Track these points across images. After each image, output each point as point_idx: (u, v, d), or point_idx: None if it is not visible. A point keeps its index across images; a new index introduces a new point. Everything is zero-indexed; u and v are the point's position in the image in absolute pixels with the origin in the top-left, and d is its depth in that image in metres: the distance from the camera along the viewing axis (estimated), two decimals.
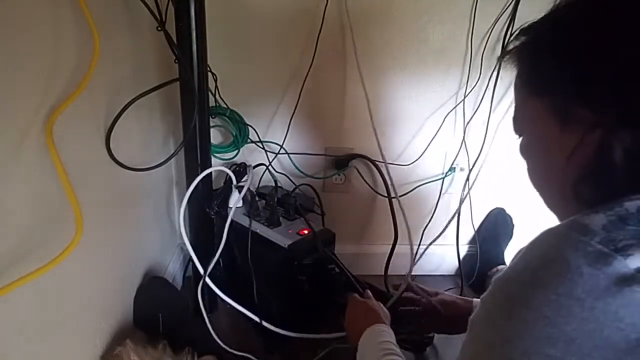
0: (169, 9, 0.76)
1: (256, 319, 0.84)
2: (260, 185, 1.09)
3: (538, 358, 0.30)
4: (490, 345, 0.34)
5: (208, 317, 1.00)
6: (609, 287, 0.29)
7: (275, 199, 0.93)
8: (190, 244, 0.85)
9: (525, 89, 0.43)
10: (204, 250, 0.89)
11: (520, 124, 0.45)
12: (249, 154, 1.11)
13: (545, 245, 0.34)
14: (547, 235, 0.35)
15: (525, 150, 0.45)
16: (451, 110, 1.10)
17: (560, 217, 0.43)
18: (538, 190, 0.45)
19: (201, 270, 0.84)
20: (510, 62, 0.44)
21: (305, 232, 0.88)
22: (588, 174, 0.36)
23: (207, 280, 0.84)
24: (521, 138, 0.46)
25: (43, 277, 0.44)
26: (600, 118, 0.35)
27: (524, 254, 0.35)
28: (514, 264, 0.36)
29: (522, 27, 0.42)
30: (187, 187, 0.92)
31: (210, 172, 0.90)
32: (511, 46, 0.43)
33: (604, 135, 0.35)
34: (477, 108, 1.10)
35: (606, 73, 0.34)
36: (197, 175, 0.88)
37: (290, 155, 1.11)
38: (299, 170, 1.12)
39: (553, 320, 0.30)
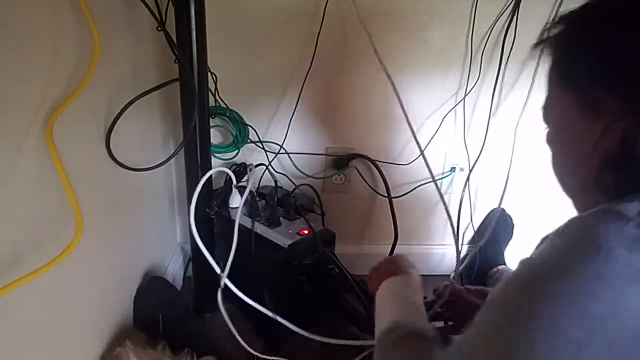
0: (169, 9, 0.76)
1: (269, 313, 0.82)
2: (260, 185, 1.09)
3: (559, 340, 0.29)
4: (509, 323, 0.32)
5: (207, 317, 1.00)
6: None
7: (275, 199, 0.93)
8: (191, 244, 0.85)
9: (557, 78, 0.43)
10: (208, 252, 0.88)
11: (549, 113, 0.45)
12: (249, 154, 1.11)
13: (576, 230, 0.34)
14: (578, 221, 0.34)
15: (552, 140, 0.45)
16: (451, 110, 1.10)
17: (579, 207, 0.43)
18: (561, 179, 0.45)
19: (218, 270, 0.83)
20: (545, 51, 0.44)
21: (305, 232, 0.88)
22: (612, 162, 0.36)
23: (226, 280, 0.83)
24: (548, 127, 0.45)
25: (43, 277, 0.44)
26: (627, 108, 0.35)
27: (553, 239, 0.35)
28: (542, 248, 0.35)
29: (561, 15, 0.42)
30: (187, 188, 0.92)
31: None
32: (548, 34, 0.43)
33: (630, 124, 0.35)
34: (477, 108, 1.11)
35: (632, 64, 0.35)
36: (198, 175, 0.88)
37: (290, 155, 1.11)
38: (299, 170, 1.12)
39: (579, 302, 0.29)
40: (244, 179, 0.98)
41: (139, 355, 0.67)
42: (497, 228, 1.22)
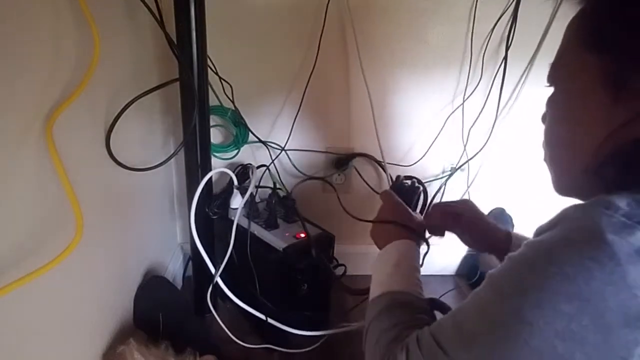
0: (169, 9, 0.76)
1: (262, 316, 0.84)
2: (261, 186, 1.09)
3: (550, 312, 0.31)
4: (505, 295, 0.34)
5: (207, 316, 1.00)
6: (630, 255, 0.29)
7: (274, 201, 0.93)
8: (191, 244, 0.85)
9: (581, 37, 0.36)
10: (205, 251, 0.89)
11: (557, 74, 0.39)
12: (250, 154, 1.11)
13: (574, 215, 0.34)
14: (575, 208, 0.34)
15: (554, 105, 0.40)
16: (452, 112, 1.10)
17: (559, 183, 0.41)
18: (552, 153, 0.41)
19: (212, 270, 0.83)
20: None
21: (302, 235, 0.87)
22: (623, 155, 0.34)
23: (218, 280, 0.83)
24: (552, 89, 0.40)
25: (43, 277, 0.44)
26: None
27: (552, 223, 0.35)
28: (545, 235, 0.35)
29: None
30: (187, 188, 0.92)
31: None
32: None
33: None
34: (477, 109, 1.11)
35: None
36: (198, 175, 0.88)
37: (291, 155, 1.10)
38: (299, 171, 1.12)
39: (573, 278, 0.30)
40: (247, 181, 0.98)
41: (142, 354, 0.67)
42: None
